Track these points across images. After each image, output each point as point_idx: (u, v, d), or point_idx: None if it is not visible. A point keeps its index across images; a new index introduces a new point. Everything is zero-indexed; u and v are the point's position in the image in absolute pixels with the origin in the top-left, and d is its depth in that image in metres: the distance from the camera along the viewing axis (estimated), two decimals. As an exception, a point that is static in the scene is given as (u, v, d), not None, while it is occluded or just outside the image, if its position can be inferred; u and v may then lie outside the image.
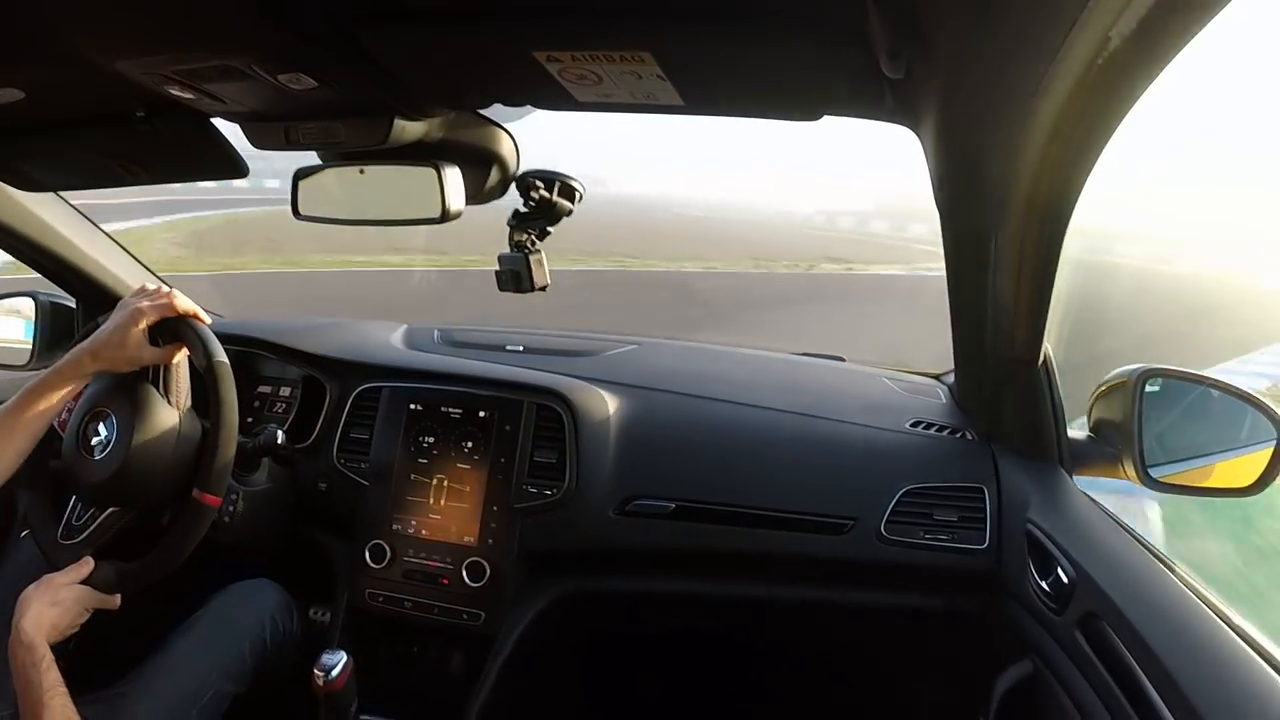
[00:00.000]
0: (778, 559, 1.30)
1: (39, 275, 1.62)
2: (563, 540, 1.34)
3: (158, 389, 1.14)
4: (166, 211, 13.24)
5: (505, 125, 1.15)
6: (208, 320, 1.14)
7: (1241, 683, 0.73)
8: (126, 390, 1.12)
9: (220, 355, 1.12)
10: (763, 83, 0.86)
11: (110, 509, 1.12)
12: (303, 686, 1.13)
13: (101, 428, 1.11)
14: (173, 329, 1.12)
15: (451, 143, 1.10)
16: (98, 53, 0.83)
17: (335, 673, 1.10)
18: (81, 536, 1.12)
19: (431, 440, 1.41)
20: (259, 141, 1.05)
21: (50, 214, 1.50)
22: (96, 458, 1.10)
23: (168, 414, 1.14)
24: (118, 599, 1.10)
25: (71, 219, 1.55)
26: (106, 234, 1.65)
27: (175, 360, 1.15)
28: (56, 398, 1.08)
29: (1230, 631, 0.80)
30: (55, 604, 1.02)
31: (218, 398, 1.11)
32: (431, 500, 1.38)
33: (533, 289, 1.25)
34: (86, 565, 1.07)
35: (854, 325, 9.27)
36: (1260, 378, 5.90)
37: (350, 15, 0.77)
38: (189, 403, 1.18)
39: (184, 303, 1.12)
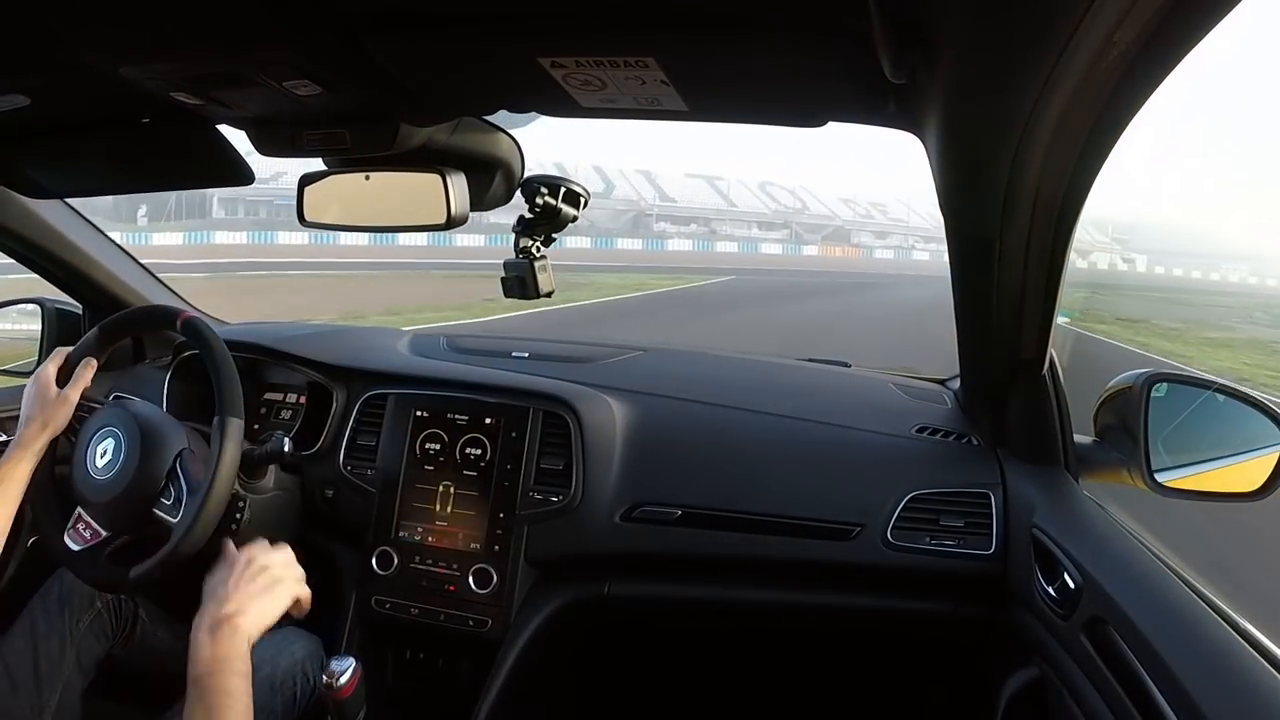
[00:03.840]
0: (784, 564, 1.29)
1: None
2: (569, 547, 1.34)
3: None
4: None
5: (510, 131, 1.15)
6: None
7: (1249, 689, 0.72)
8: (132, 409, 1.15)
9: (180, 306, 1.14)
10: (766, 88, 0.86)
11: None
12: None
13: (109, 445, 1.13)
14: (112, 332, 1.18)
15: (456, 149, 1.10)
16: (103, 58, 0.83)
17: (344, 679, 1.09)
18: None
19: (438, 447, 1.40)
20: (265, 148, 1.06)
21: (57, 220, 1.51)
22: (101, 477, 1.11)
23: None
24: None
25: (78, 225, 1.56)
26: (113, 241, 1.66)
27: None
28: (17, 483, 1.07)
29: (1238, 637, 0.79)
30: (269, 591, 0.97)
31: (205, 346, 1.13)
32: (438, 507, 1.38)
33: (538, 295, 1.25)
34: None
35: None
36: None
37: (356, 21, 0.77)
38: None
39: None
